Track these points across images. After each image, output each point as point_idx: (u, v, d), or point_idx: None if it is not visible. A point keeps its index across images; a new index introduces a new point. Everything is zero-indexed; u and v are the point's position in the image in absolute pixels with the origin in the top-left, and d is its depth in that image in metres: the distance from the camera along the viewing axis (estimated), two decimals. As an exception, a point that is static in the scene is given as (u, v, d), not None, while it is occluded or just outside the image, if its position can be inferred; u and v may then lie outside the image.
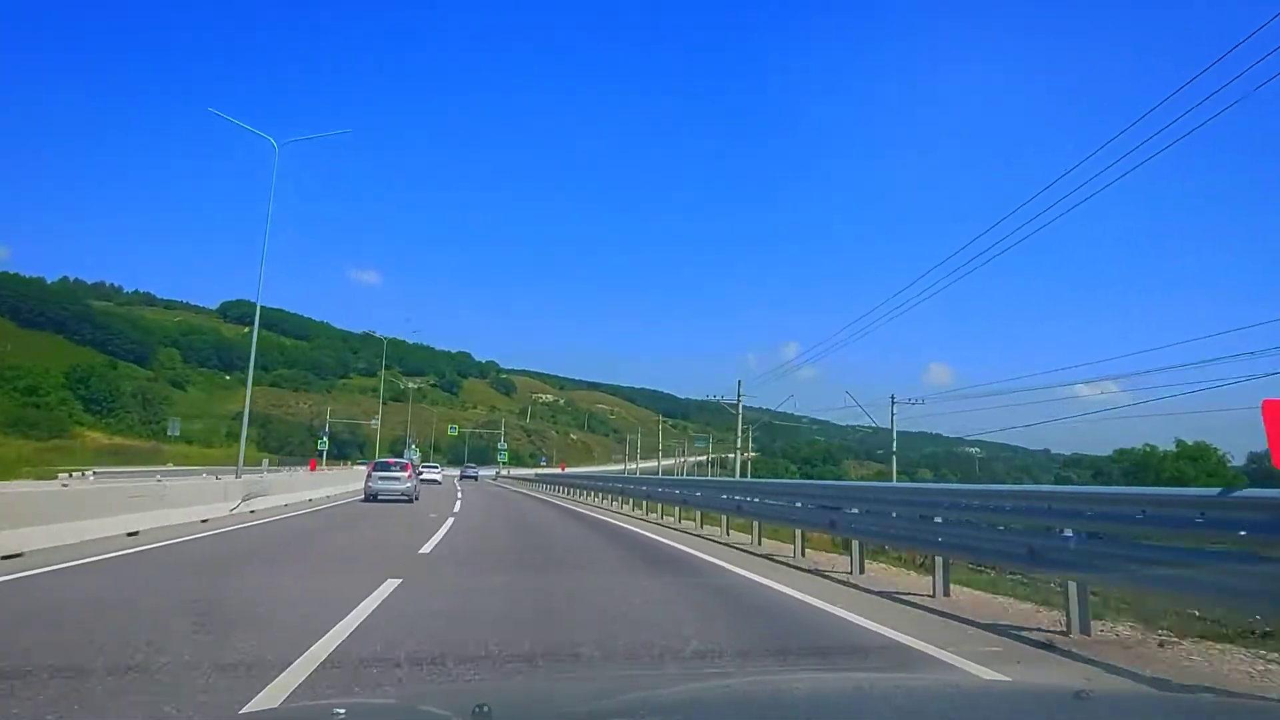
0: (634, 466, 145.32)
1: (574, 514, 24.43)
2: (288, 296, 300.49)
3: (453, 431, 78.13)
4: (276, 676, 4.34)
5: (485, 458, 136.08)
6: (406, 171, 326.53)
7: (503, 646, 5.21)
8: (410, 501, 26.72)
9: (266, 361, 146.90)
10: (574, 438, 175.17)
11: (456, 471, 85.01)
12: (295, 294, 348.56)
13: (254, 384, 30.21)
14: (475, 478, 75.19)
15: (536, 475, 49.50)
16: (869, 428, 57.40)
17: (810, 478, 72.28)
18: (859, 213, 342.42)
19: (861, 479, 66.79)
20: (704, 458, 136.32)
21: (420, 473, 38.09)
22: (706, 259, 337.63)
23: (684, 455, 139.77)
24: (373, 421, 77.42)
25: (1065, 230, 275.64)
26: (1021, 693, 2.85)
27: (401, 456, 52.78)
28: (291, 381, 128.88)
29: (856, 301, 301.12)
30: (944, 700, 2.37)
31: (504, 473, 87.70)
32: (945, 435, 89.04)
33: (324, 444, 53.89)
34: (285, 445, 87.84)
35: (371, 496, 27.03)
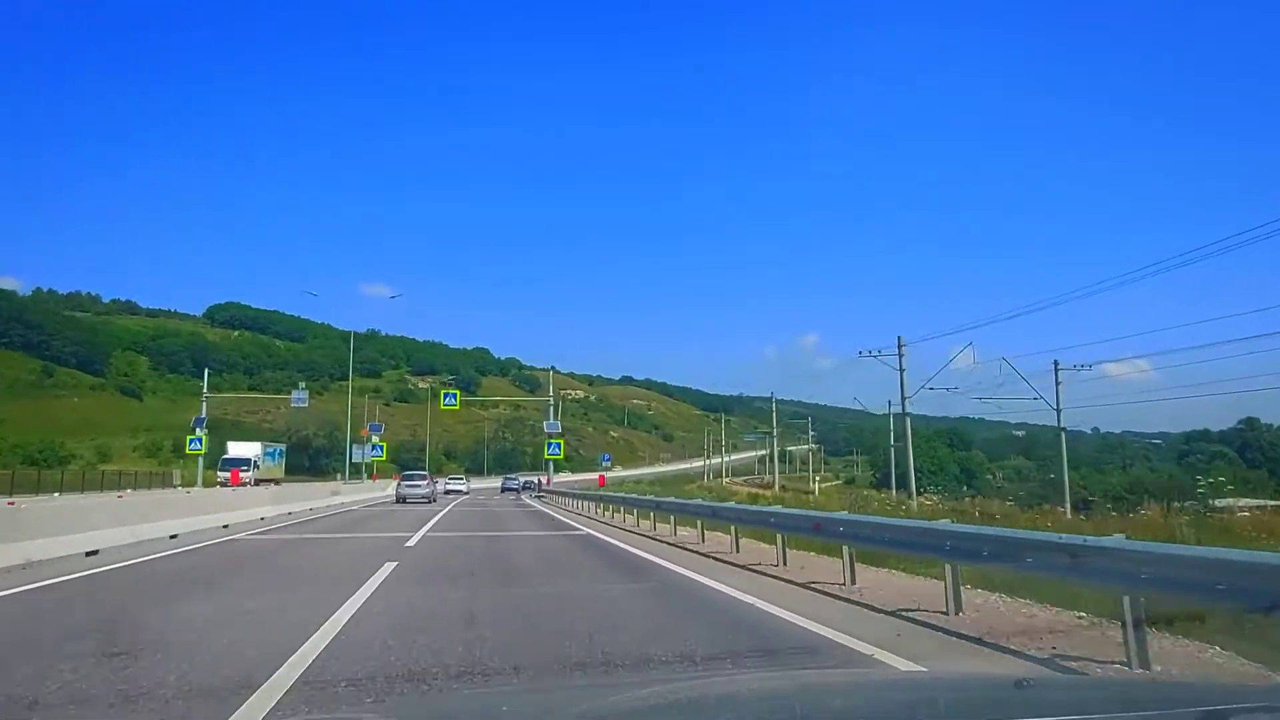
0: (698, 464, 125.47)
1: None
2: (285, 299, 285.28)
3: (450, 403, 54.30)
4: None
5: (514, 463, 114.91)
6: (410, 169, 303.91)
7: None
8: (430, 502, 34.10)
9: (252, 365, 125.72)
10: (614, 435, 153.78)
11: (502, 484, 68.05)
12: (296, 297, 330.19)
13: (229, 389, 35.56)
14: (525, 489, 53.79)
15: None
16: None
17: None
18: (867, 200, 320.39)
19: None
20: (763, 452, 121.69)
21: (436, 483, 42.27)
22: (720, 250, 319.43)
23: (732, 452, 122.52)
24: (293, 397, 58.42)
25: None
26: (965, 683, 2.92)
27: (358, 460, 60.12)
28: (275, 384, 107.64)
29: (875, 294, 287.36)
30: (896, 693, 2.48)
31: (548, 482, 51.06)
32: (989, 420, 79.36)
33: (198, 443, 35.84)
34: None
35: (401, 499, 34.81)
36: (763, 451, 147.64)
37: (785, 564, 11.25)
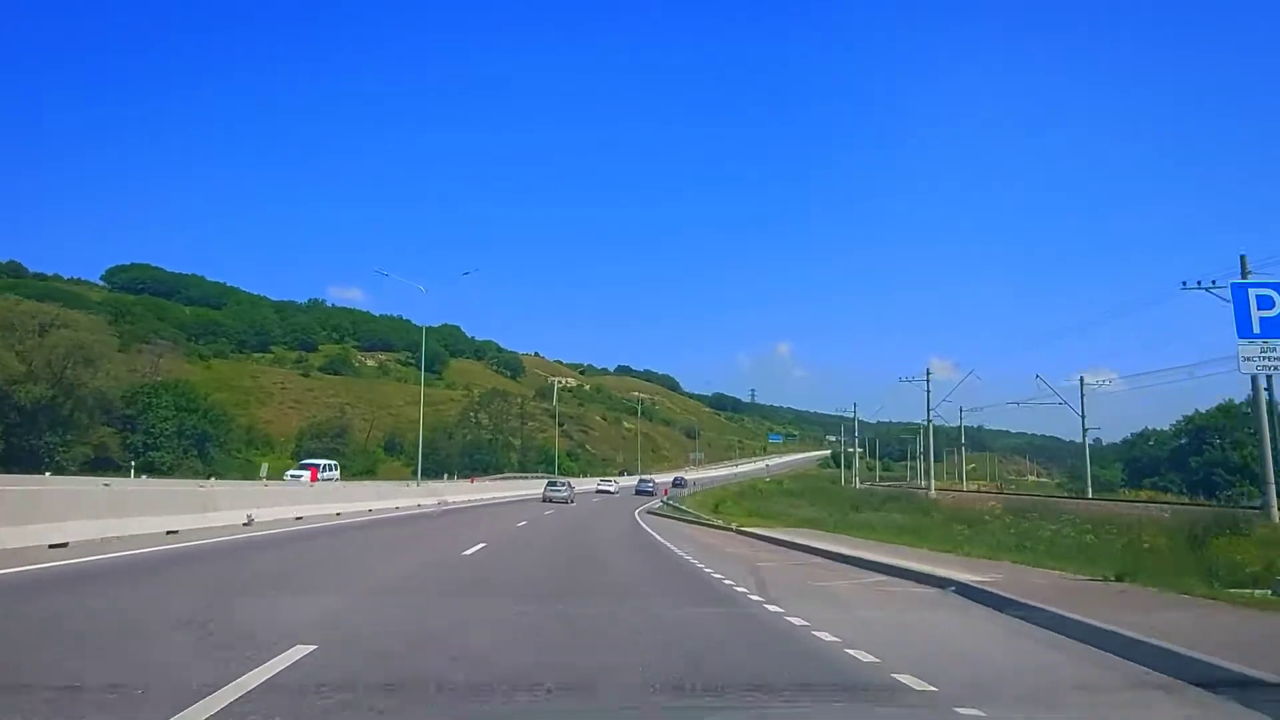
0: (746, 467, 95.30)
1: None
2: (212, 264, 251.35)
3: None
4: None
5: (492, 460, 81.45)
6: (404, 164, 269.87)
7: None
8: (569, 503, 41.59)
9: (131, 328, 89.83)
10: (629, 428, 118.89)
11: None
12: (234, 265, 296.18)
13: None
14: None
15: None
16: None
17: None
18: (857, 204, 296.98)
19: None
20: (825, 452, 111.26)
21: (574, 487, 51.36)
22: (693, 255, 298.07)
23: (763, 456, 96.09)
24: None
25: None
26: None
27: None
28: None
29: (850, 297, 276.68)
30: None
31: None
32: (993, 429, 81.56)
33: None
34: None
35: (546, 500, 42.84)
36: (825, 452, 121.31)
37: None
